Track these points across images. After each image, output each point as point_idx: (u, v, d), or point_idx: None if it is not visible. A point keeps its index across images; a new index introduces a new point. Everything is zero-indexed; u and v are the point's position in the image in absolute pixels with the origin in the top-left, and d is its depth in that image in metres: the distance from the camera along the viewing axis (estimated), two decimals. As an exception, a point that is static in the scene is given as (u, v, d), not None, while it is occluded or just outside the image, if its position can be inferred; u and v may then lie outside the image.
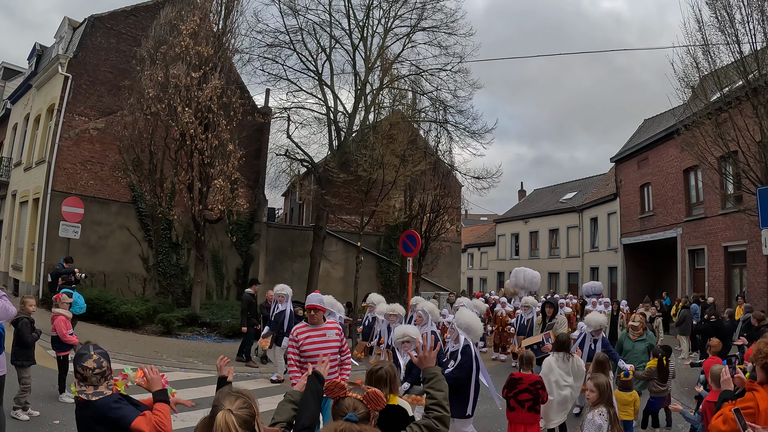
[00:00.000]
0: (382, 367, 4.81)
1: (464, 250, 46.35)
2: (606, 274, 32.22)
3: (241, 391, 2.88)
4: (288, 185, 28.10)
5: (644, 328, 10.40)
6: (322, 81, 23.58)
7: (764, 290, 18.28)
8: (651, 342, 10.07)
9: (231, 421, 2.63)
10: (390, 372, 4.78)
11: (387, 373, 4.76)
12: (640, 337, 10.16)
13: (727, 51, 15.64)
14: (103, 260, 20.39)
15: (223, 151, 17.50)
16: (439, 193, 25.02)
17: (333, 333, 6.34)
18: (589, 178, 41.07)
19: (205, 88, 16.90)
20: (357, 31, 23.56)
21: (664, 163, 26.18)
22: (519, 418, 6.70)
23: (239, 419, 2.66)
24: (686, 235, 24.41)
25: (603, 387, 5.52)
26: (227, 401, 2.76)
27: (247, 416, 2.70)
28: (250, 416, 2.72)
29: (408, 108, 24.50)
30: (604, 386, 5.53)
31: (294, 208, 36.39)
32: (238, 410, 2.71)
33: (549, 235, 40.70)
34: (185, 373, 12.15)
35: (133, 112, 17.53)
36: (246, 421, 2.69)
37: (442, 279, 30.12)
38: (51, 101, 20.68)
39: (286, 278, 23.62)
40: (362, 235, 22.54)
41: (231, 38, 18.88)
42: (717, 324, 12.61)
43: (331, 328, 6.37)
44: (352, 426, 2.62)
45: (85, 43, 20.71)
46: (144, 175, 18.07)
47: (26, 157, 22.97)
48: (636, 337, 10.18)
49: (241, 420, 2.67)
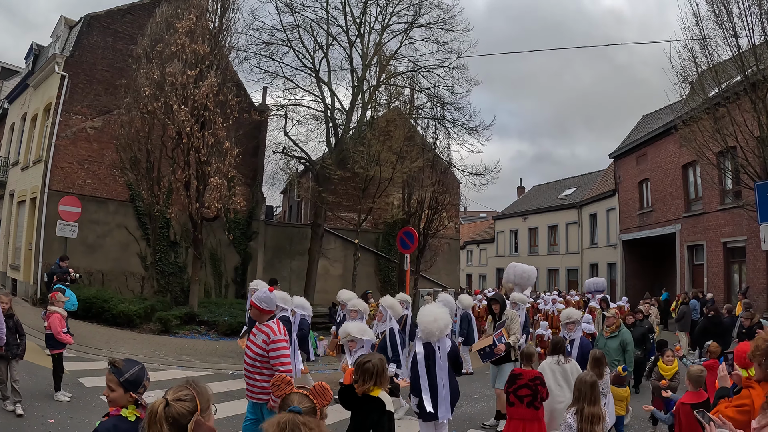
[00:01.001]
0: (370, 360, 4.86)
1: (463, 247, 46.31)
2: (605, 271, 32.22)
3: (196, 383, 2.75)
4: (286, 183, 28.05)
5: (618, 325, 9.73)
6: (319, 78, 23.51)
7: (764, 286, 18.26)
8: (625, 339, 9.44)
9: (160, 413, 2.55)
10: (378, 365, 4.82)
11: (374, 366, 4.81)
12: (612, 334, 9.58)
13: (724, 45, 15.59)
14: (101, 259, 20.36)
15: (220, 149, 17.45)
16: (437, 190, 24.95)
17: (261, 337, 5.59)
18: (588, 174, 41.08)
19: (201, 86, 16.83)
20: (354, 28, 23.49)
21: (662, 159, 26.15)
22: (518, 414, 6.64)
23: (171, 412, 2.56)
24: (685, 231, 24.39)
25: (579, 386, 5.61)
26: (172, 390, 2.67)
27: (183, 410, 2.58)
28: (186, 411, 2.59)
29: (405, 105, 24.45)
30: (581, 385, 5.60)
31: (292, 206, 36.34)
32: (175, 402, 2.60)
33: (548, 231, 40.70)
34: (182, 372, 12.10)
35: (130, 110, 17.47)
36: (177, 416, 2.56)
37: (440, 276, 30.09)
38: (48, 100, 20.62)
39: (285, 276, 23.64)
40: (360, 232, 22.52)
41: (227, 36, 18.84)
42: (716, 320, 12.56)
43: (262, 331, 5.60)
44: (296, 417, 2.45)
45: (81, 42, 20.65)
46: (141, 173, 18.03)
47: (23, 157, 22.92)
48: (609, 333, 9.63)
49: (173, 413, 2.56)
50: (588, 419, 5.39)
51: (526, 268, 20.68)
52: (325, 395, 2.94)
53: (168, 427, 2.54)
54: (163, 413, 2.55)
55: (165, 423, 2.54)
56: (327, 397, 2.96)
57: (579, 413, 5.48)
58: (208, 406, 2.71)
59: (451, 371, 6.60)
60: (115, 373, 3.35)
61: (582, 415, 5.43)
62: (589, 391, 5.51)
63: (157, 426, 2.54)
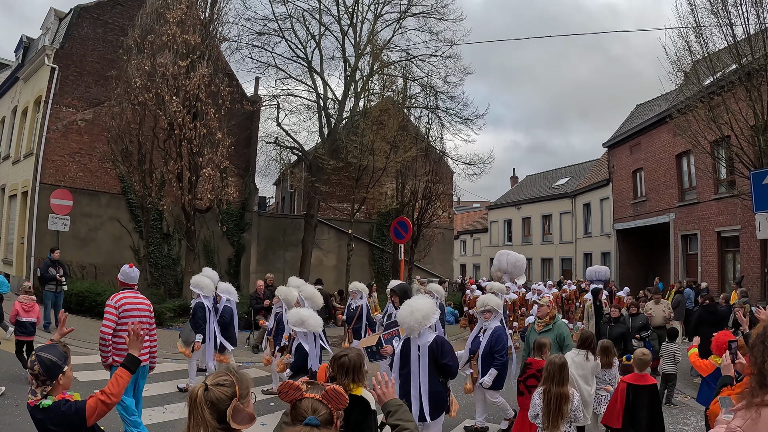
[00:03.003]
0: (347, 354, 4.49)
1: (456, 237, 46.37)
2: (599, 260, 32.24)
3: (235, 369, 2.77)
4: (279, 174, 27.97)
5: (552, 316, 8.38)
6: (311, 68, 23.43)
7: (757, 275, 18.27)
8: (562, 333, 8.18)
9: (200, 397, 2.57)
10: (355, 360, 4.45)
11: (351, 360, 4.44)
12: (546, 327, 8.28)
13: (719, 34, 15.54)
14: (93, 252, 20.24)
15: (212, 139, 17.35)
16: (430, 180, 24.94)
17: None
18: (582, 163, 41.09)
19: (192, 76, 16.70)
20: (346, 18, 23.41)
21: (656, 149, 26.15)
22: (527, 404, 6.64)
23: (210, 397, 2.57)
24: (679, 221, 24.42)
25: (548, 367, 5.80)
26: (212, 375, 2.69)
27: (222, 395, 2.58)
28: (225, 396, 2.59)
29: (398, 94, 24.38)
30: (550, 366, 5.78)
31: (285, 197, 36.24)
32: (214, 387, 2.60)
33: (542, 221, 40.71)
34: (176, 364, 12.09)
35: (121, 102, 17.32)
36: (216, 401, 2.57)
37: (435, 266, 30.11)
38: (38, 93, 20.41)
39: (279, 267, 23.59)
40: (354, 222, 22.45)
41: (219, 26, 18.70)
42: (711, 309, 12.54)
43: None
44: (313, 431, 2.37)
45: (71, 34, 20.44)
46: (133, 165, 17.89)
47: (14, 151, 22.72)
48: (541, 327, 8.32)
49: (212, 398, 2.57)
50: (556, 399, 5.60)
51: (519, 256, 20.58)
52: (340, 399, 2.67)
53: (208, 410, 2.56)
54: (203, 397, 2.57)
55: (205, 407, 2.56)
56: (342, 400, 2.67)
57: (545, 393, 5.70)
58: (247, 393, 2.71)
59: (434, 372, 6.05)
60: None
61: (549, 395, 5.65)
62: (558, 373, 5.69)
63: (198, 410, 2.56)
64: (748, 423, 2.52)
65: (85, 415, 3.57)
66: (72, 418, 3.53)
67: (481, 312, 8.21)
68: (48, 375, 3.56)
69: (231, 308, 10.79)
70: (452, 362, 6.12)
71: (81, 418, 3.56)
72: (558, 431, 5.60)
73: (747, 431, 2.52)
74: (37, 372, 3.54)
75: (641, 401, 6.51)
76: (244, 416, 2.63)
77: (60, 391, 3.62)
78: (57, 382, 3.60)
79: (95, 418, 3.65)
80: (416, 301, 6.24)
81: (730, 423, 2.64)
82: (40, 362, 3.55)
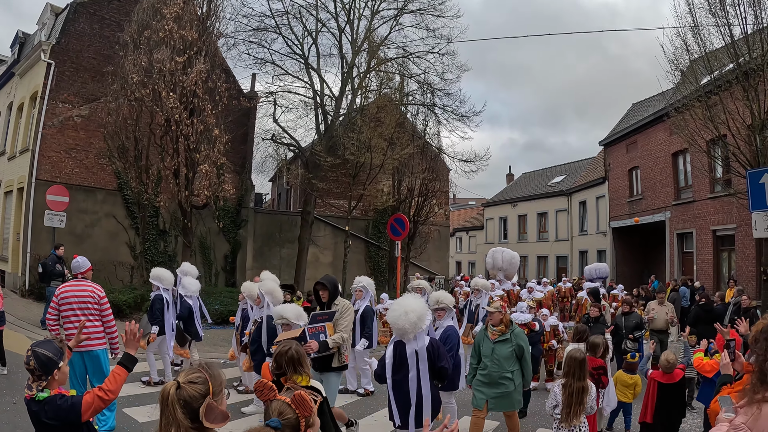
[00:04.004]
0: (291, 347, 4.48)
1: (452, 234, 46.37)
2: (595, 258, 32.26)
3: (209, 365, 2.69)
4: (275, 170, 27.93)
5: (507, 324, 7.16)
6: (308, 64, 23.39)
7: (753, 274, 18.33)
8: (520, 344, 7.03)
9: (172, 395, 2.51)
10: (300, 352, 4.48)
11: (298, 353, 4.45)
12: (502, 336, 7.02)
13: (717, 34, 15.56)
14: (89, 249, 20.09)
15: (209, 136, 17.28)
16: (427, 177, 24.95)
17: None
18: (578, 161, 41.10)
19: (189, 72, 16.63)
20: (343, 14, 23.39)
21: (652, 147, 26.18)
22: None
23: (183, 395, 2.51)
24: (675, 219, 24.46)
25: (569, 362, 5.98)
26: (184, 372, 2.63)
27: (195, 393, 2.52)
28: (198, 394, 2.52)
29: (395, 91, 24.37)
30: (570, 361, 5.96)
31: (282, 194, 36.22)
32: (187, 384, 2.54)
33: (537, 218, 40.74)
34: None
35: (117, 98, 17.24)
36: (189, 400, 2.51)
37: (431, 263, 30.14)
38: (34, 89, 20.32)
39: (275, 264, 23.56)
40: (350, 219, 22.46)
41: (216, 22, 18.62)
42: (707, 307, 12.58)
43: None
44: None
45: (67, 29, 20.34)
46: (129, 161, 17.81)
47: (10, 147, 22.63)
48: (496, 336, 7.05)
49: (185, 396, 2.51)
50: (577, 392, 5.79)
51: (513, 253, 20.57)
52: (305, 407, 2.68)
53: (180, 410, 2.49)
54: (175, 395, 2.50)
55: (177, 406, 2.49)
56: (307, 408, 2.67)
57: (566, 387, 5.88)
58: (221, 390, 2.66)
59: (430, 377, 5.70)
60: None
61: (571, 389, 5.82)
62: (578, 368, 5.88)
63: (170, 409, 2.50)
64: (750, 420, 2.54)
65: (81, 410, 3.62)
66: (67, 412, 3.57)
67: (434, 310, 7.39)
68: (43, 370, 3.60)
69: (188, 303, 10.92)
70: (447, 365, 5.88)
71: (76, 413, 3.60)
72: (578, 421, 5.76)
73: (749, 428, 2.53)
74: (33, 367, 3.59)
75: (670, 399, 6.72)
76: (217, 414, 2.56)
77: (55, 386, 3.67)
78: (52, 378, 3.63)
79: (90, 414, 3.69)
80: (408, 300, 5.78)
81: (733, 420, 2.65)
82: (35, 357, 3.60)
